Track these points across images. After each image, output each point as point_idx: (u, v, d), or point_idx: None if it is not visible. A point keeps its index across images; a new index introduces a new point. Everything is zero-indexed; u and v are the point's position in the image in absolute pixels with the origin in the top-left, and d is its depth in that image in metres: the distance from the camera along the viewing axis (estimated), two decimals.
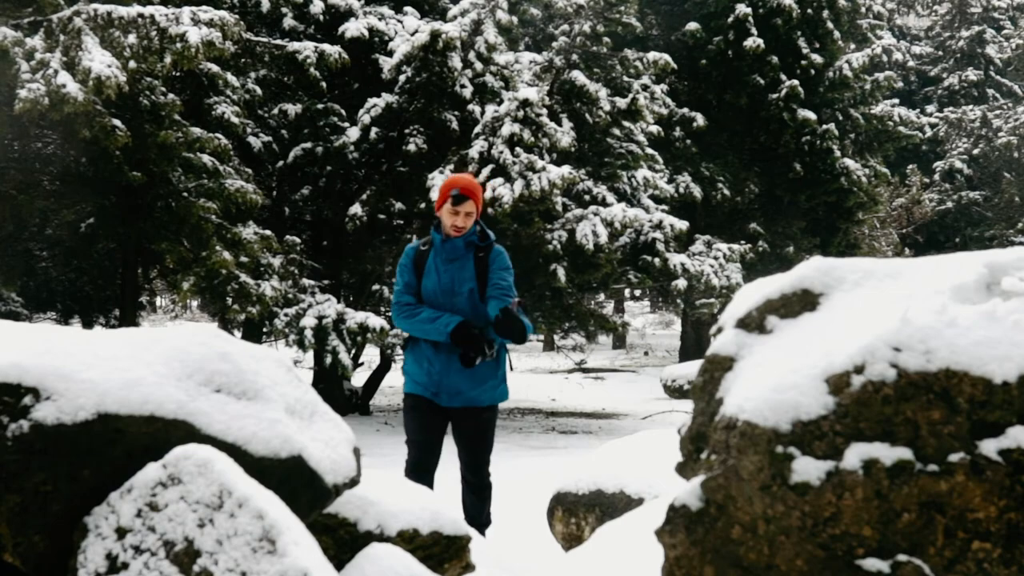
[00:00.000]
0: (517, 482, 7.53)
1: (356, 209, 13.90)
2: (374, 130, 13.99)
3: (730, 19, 20.38)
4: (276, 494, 2.63)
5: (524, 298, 15.67)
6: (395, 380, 20.63)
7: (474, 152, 13.02)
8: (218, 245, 11.76)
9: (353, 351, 13.22)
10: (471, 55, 13.76)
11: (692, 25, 20.62)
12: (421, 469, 4.83)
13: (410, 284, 4.99)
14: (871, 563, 1.78)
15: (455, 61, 13.45)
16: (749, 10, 20.26)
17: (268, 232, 12.85)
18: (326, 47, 13.01)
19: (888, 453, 1.78)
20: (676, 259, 15.56)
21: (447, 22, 13.84)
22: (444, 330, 4.78)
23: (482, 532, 4.88)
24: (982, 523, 1.75)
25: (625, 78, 15.75)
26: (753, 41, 20.05)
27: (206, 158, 12.14)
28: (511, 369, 25.59)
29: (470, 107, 13.73)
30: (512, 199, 12.40)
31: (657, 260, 15.35)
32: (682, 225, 15.24)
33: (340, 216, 14.47)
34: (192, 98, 12.97)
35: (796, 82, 20.15)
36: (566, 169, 12.73)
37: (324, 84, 13.77)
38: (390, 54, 13.95)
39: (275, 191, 15.21)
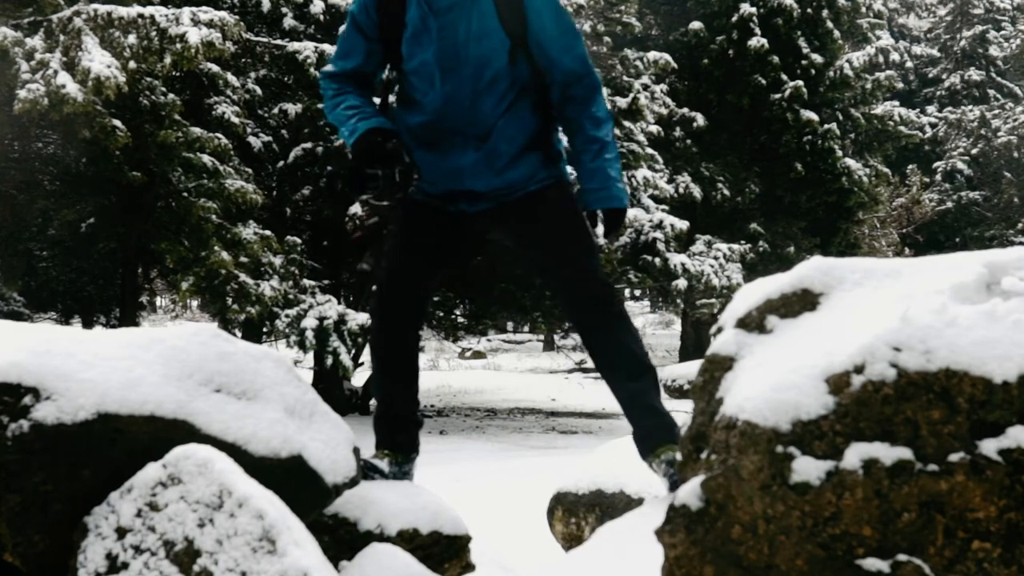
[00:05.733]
0: (517, 482, 7.52)
1: (356, 209, 13.87)
2: None
3: (734, 19, 20.38)
4: (276, 494, 2.63)
5: (524, 297, 15.71)
6: None
7: None
8: (218, 245, 11.77)
9: (353, 351, 13.23)
10: None
11: (695, 24, 20.62)
12: (395, 301, 3.05)
13: (351, 51, 3.03)
14: (871, 563, 1.78)
15: None
16: (753, 9, 20.27)
17: (268, 232, 12.86)
18: (326, 47, 13.00)
19: (888, 453, 1.78)
20: (676, 259, 15.57)
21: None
22: (348, 139, 2.97)
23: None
24: (982, 523, 1.75)
25: (625, 78, 15.76)
26: (757, 41, 20.05)
27: (206, 158, 12.14)
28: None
29: None
30: None
31: (657, 260, 15.35)
32: (682, 225, 15.26)
33: (340, 216, 14.46)
34: (192, 98, 12.98)
35: (800, 83, 20.16)
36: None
37: None
38: None
39: (275, 191, 15.21)
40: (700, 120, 19.48)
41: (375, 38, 3.00)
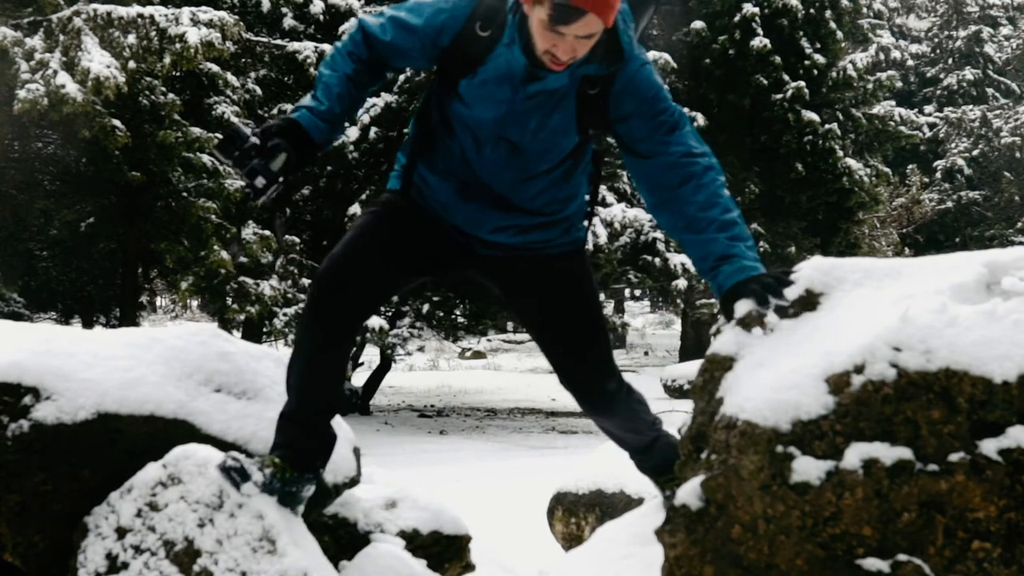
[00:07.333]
0: (517, 482, 7.53)
1: (356, 209, 13.91)
2: (373, 130, 14.00)
3: (736, 18, 20.36)
4: None
5: None
6: (395, 380, 20.66)
7: None
8: (216, 245, 11.78)
9: (353, 351, 13.23)
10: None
11: (697, 24, 20.60)
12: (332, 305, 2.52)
13: (402, 39, 2.50)
14: (871, 563, 1.78)
15: None
16: (756, 9, 20.26)
17: (267, 232, 12.87)
18: (326, 47, 13.02)
19: (888, 453, 1.78)
20: (676, 259, 15.58)
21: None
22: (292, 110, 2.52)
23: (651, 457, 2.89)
24: (982, 523, 1.75)
25: None
26: (760, 41, 20.03)
27: (206, 158, 12.15)
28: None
29: None
30: None
31: (657, 260, 15.35)
32: None
33: (340, 216, 14.47)
34: (192, 98, 12.99)
35: (802, 83, 20.14)
36: None
37: None
38: None
39: None
40: (700, 120, 19.44)
41: (430, 59, 2.52)
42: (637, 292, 30.70)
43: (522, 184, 2.54)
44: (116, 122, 10.69)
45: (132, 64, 10.22)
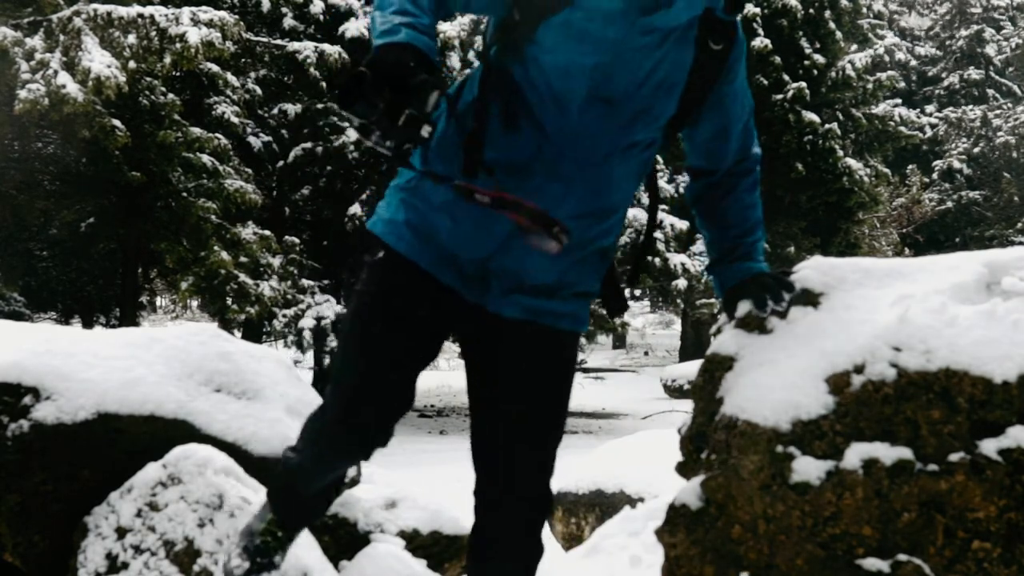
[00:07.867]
0: None
1: (356, 209, 13.91)
2: None
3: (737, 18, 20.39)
4: None
5: None
6: None
7: None
8: (216, 245, 11.79)
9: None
10: (470, 55, 13.78)
11: None
12: (354, 428, 2.15)
13: None
14: (871, 562, 1.78)
15: (454, 60, 13.47)
16: (757, 10, 20.26)
17: (267, 232, 12.88)
18: (326, 47, 13.03)
19: (888, 453, 1.78)
20: (676, 259, 15.58)
21: (446, 21, 13.88)
22: (379, 36, 1.74)
23: None
24: (982, 523, 1.75)
25: None
26: (760, 41, 20.05)
27: (206, 158, 12.16)
28: None
29: None
30: None
31: (657, 260, 15.35)
32: (682, 225, 15.26)
33: (340, 216, 14.47)
34: (192, 98, 13.00)
35: (803, 84, 20.15)
36: None
37: (324, 84, 13.78)
38: None
39: (275, 191, 15.22)
40: None
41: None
42: (637, 292, 30.70)
43: (607, 164, 1.96)
44: (116, 122, 10.69)
45: (132, 64, 10.22)
